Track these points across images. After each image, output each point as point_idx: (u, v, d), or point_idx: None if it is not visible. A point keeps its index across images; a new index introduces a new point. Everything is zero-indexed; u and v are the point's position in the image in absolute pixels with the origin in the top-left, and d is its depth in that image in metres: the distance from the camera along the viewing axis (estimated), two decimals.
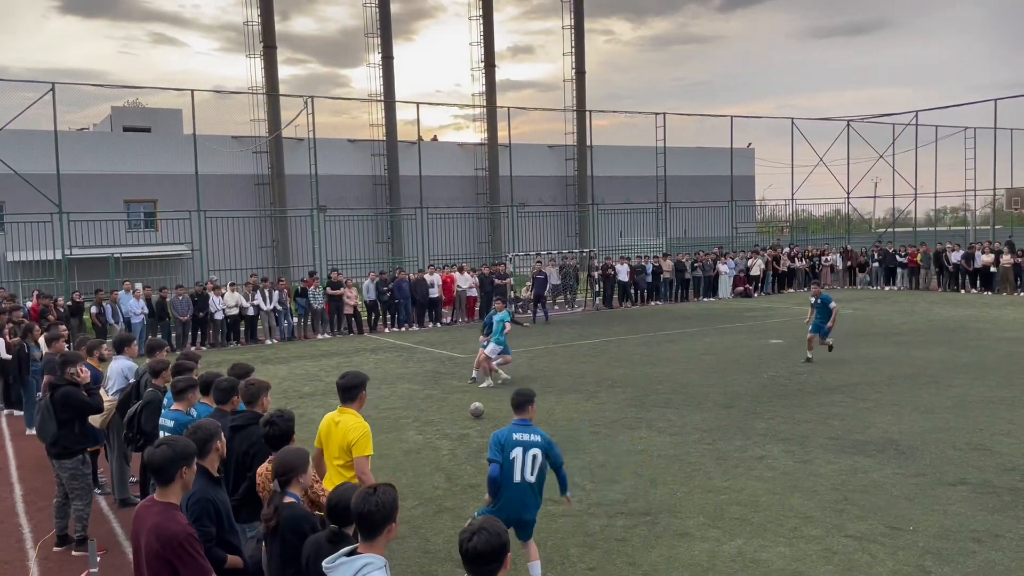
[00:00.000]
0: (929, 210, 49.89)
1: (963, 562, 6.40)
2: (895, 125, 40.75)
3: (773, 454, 9.61)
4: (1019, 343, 17.56)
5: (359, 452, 5.44)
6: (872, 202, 46.89)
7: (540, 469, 6.04)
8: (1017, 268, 29.92)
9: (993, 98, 37.53)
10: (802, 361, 15.78)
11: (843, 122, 41.20)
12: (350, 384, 5.73)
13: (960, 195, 44.40)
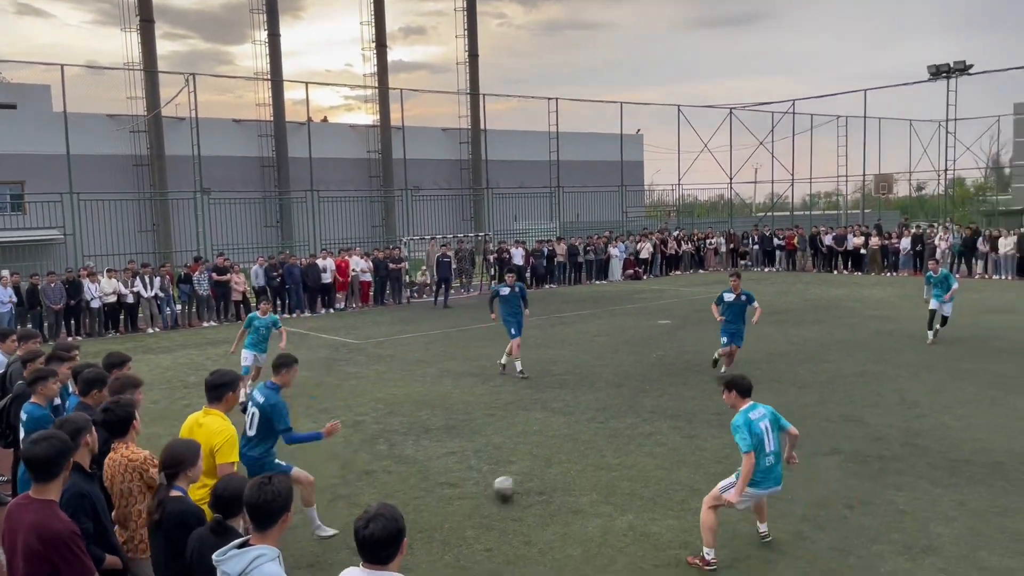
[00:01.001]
0: (805, 195, 52.49)
1: (837, 528, 6.81)
2: (774, 113, 42.58)
3: (662, 430, 9.93)
4: (887, 320, 18.75)
5: (222, 459, 5.05)
6: (753, 187, 48.91)
7: (258, 426, 6.42)
8: (884, 250, 31.90)
9: (863, 88, 39.74)
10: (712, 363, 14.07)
11: (726, 110, 42.72)
12: (217, 383, 5.41)
13: (833, 180, 46.91)
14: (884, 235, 32.81)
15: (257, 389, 6.60)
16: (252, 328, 12.31)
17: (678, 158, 40.98)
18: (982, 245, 29.17)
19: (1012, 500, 7.24)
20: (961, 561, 6.06)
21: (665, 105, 41.83)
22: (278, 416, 6.37)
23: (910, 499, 7.37)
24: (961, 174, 55.45)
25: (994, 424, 9.78)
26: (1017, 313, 19.05)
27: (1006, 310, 19.70)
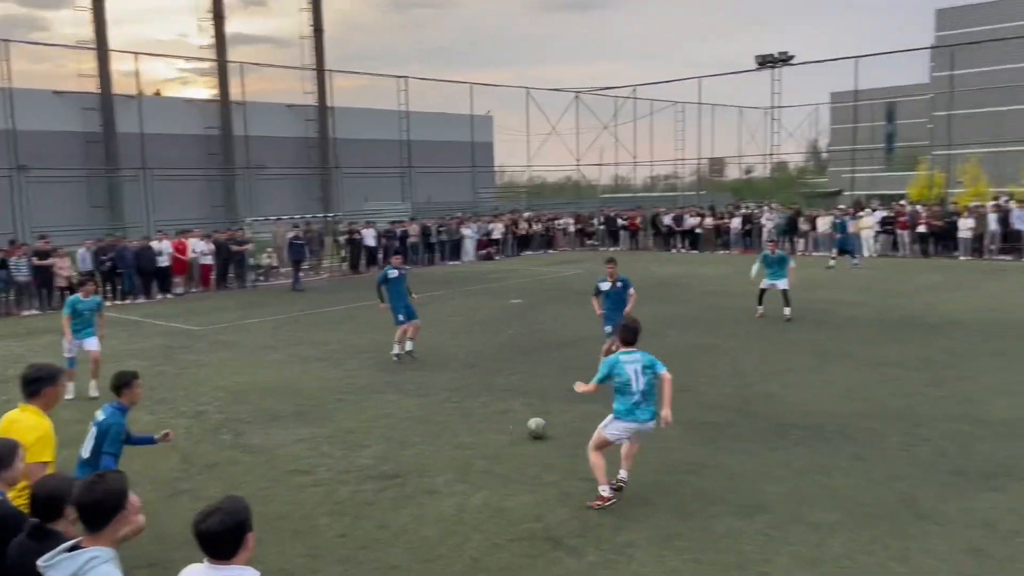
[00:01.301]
0: (647, 177, 54.76)
1: (680, 491, 7.19)
2: (617, 98, 44.06)
3: (515, 408, 10.11)
4: (721, 296, 19.91)
5: (33, 457, 4.57)
6: (599, 169, 50.47)
7: (92, 448, 5.95)
8: (718, 229, 33.82)
9: (698, 76, 41.85)
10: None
11: (573, 94, 43.77)
12: (33, 377, 5.03)
13: (672, 163, 49.18)
14: (717, 215, 34.77)
15: (103, 408, 6.09)
16: (75, 313, 11.35)
17: (527, 140, 41.65)
18: (803, 224, 31.51)
19: (831, 459, 7.90)
20: (787, 517, 6.55)
21: (514, 87, 42.48)
22: (109, 440, 5.91)
23: (743, 462, 7.89)
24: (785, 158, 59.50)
25: (815, 390, 10.63)
26: (834, 288, 20.73)
27: (824, 285, 21.40)
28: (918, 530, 6.24)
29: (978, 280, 21.56)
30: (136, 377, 6.23)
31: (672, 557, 5.93)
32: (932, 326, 14.99)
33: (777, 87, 37.54)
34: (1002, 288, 19.83)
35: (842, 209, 32.47)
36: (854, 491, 7.06)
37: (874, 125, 68.51)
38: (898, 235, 29.42)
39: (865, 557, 5.82)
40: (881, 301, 18.35)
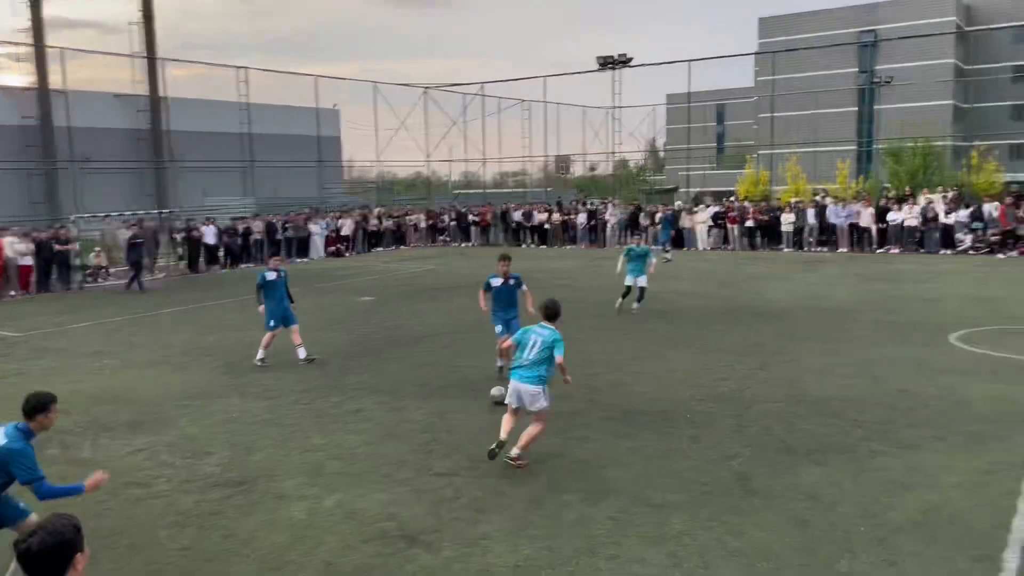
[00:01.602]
0: (496, 173, 55.42)
1: (530, 481, 7.34)
2: (465, 95, 44.28)
3: (367, 406, 9.98)
4: (569, 289, 20.46)
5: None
6: (449, 165, 50.55)
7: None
8: (565, 224, 34.74)
9: (543, 75, 42.81)
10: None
11: (421, 89, 43.59)
12: None
13: (520, 160, 50.03)
14: (564, 211, 35.74)
15: (5, 428, 5.35)
16: None
17: (376, 135, 41.09)
18: (643, 220, 32.94)
19: (673, 443, 8.32)
20: (634, 500, 6.84)
21: (361, 81, 41.75)
22: (19, 465, 5.22)
23: (592, 450, 8.16)
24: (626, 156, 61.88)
25: (658, 377, 11.15)
26: (671, 279, 21.80)
27: (663, 277, 22.47)
28: (750, 505, 6.69)
29: (799, 271, 23.33)
30: (54, 400, 5.48)
31: (526, 546, 6.05)
32: (760, 314, 16.08)
33: (617, 88, 39.02)
34: (820, 278, 21.55)
35: (665, 205, 34.15)
36: (693, 472, 7.47)
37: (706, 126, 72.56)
38: (729, 229, 31.33)
39: (704, 533, 6.17)
40: (715, 291, 19.48)
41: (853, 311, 16.04)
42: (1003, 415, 8.91)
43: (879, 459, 7.65)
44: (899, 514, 6.41)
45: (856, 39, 70.16)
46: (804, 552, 5.81)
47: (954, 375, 10.73)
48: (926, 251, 27.21)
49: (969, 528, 6.11)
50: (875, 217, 28.37)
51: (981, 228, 26.70)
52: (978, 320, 14.62)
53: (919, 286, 19.33)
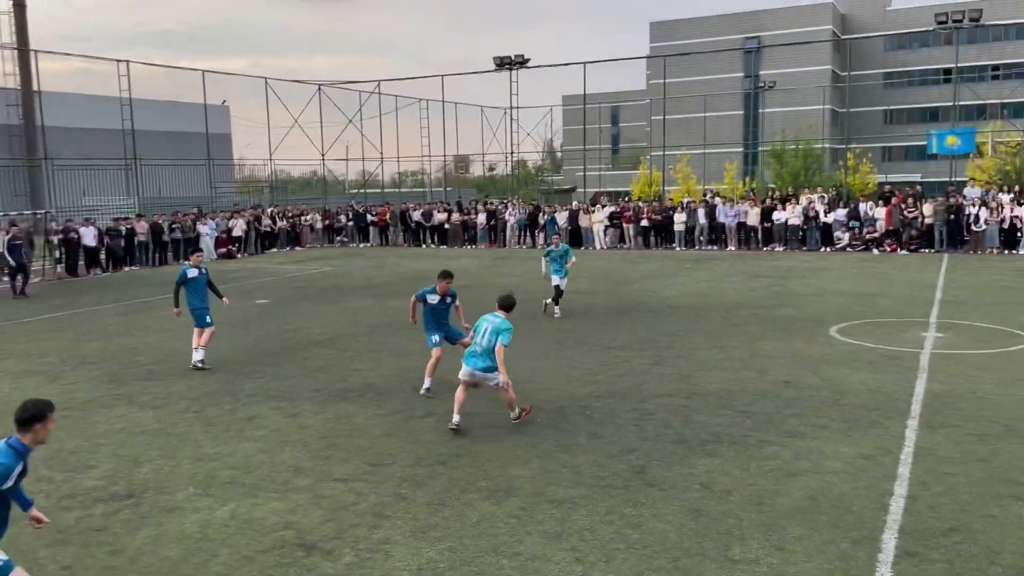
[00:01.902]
0: (394, 173, 54.89)
1: (433, 483, 7.30)
2: (361, 92, 43.64)
3: (263, 413, 9.70)
4: (471, 289, 20.44)
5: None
6: (345, 164, 49.72)
7: None
8: (465, 224, 34.74)
9: (441, 74, 42.68)
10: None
11: (315, 85, 42.67)
12: None
13: (418, 160, 49.70)
14: (464, 211, 35.74)
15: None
16: None
17: (268, 132, 39.98)
18: (542, 219, 33.31)
19: (572, 439, 8.44)
20: (535, 497, 6.90)
21: (252, 77, 40.50)
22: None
23: (494, 448, 8.19)
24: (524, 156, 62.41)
25: (556, 373, 11.29)
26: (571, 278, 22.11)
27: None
28: (648, 497, 6.86)
29: (691, 268, 24.10)
30: (52, 409, 4.77)
31: (428, 548, 6.01)
32: (654, 311, 16.52)
33: (515, 88, 39.28)
34: (710, 275, 22.34)
35: (551, 207, 34.63)
36: (593, 467, 7.60)
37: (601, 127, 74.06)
38: (624, 229, 32.07)
39: (604, 527, 6.29)
40: (612, 290, 19.89)
41: (741, 307, 16.70)
42: (879, 403, 9.45)
43: (767, 448, 7.99)
44: (786, 500, 6.70)
45: (741, 45, 73.11)
46: (699, 540, 6.00)
47: (834, 366, 11.32)
48: (808, 249, 28.63)
49: (850, 512, 6.45)
50: (761, 216, 29.64)
51: (857, 226, 28.29)
52: (855, 314, 15.47)
53: (801, 282, 20.30)
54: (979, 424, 8.55)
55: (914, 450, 7.82)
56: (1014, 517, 6.23)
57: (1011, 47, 72.90)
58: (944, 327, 14.02)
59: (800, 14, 75.01)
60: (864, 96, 77.85)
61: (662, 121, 44.13)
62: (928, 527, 6.12)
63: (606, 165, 79.25)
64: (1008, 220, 26.16)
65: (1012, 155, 48.97)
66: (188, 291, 12.21)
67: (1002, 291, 17.99)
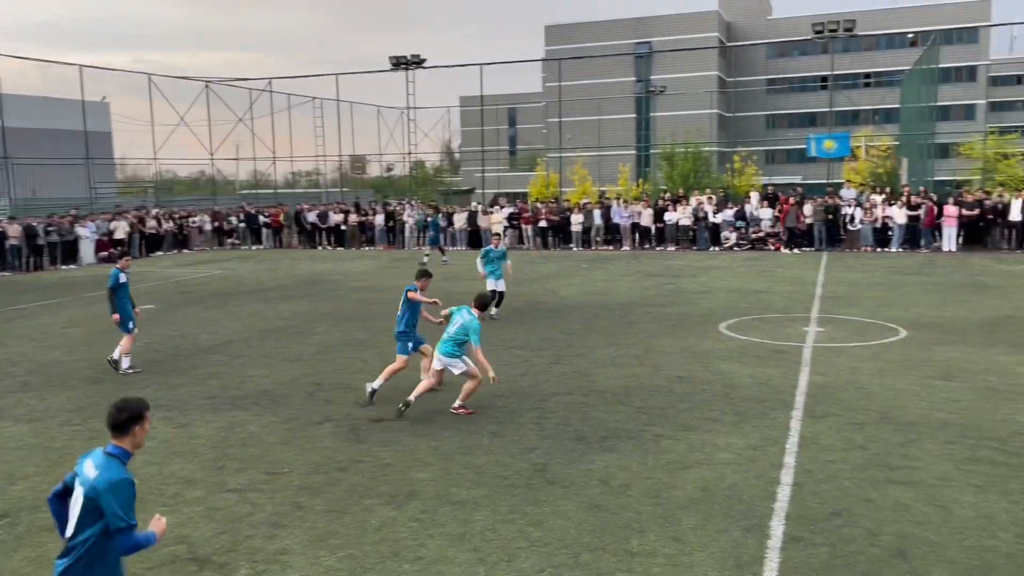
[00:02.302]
0: (288, 173, 53.55)
1: (331, 490, 7.16)
2: (252, 90, 42.39)
3: (151, 423, 9.26)
4: (368, 291, 20.21)
5: None
6: (235, 164, 48.18)
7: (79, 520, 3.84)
8: (362, 225, 34.26)
9: (335, 73, 41.94)
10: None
11: (202, 83, 41.16)
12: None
13: (313, 160, 48.69)
14: (362, 212, 35.23)
15: (92, 457, 4.01)
16: None
17: (152, 131, 38.28)
18: (442, 221, 33.21)
19: (474, 440, 8.45)
20: (437, 500, 6.87)
21: (134, 73, 38.73)
22: (117, 504, 3.79)
23: (394, 452, 8.10)
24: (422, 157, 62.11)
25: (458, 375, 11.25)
26: (470, 280, 22.16)
27: (464, 277, 22.81)
28: (549, 494, 6.93)
29: (588, 268, 24.54)
30: (148, 408, 4.25)
31: (328, 556, 5.89)
32: (552, 310, 16.74)
33: (412, 88, 39.03)
34: (607, 275, 22.80)
35: (434, 207, 34.41)
36: (494, 466, 7.63)
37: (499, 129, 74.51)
38: (523, 229, 32.35)
39: (506, 526, 6.32)
40: (511, 290, 20.01)
41: (636, 305, 17.12)
42: (766, 395, 9.87)
43: (663, 442, 8.22)
44: (681, 492, 6.91)
45: (633, 50, 74.98)
46: (599, 535, 6.11)
47: (724, 361, 11.76)
48: (698, 248, 29.63)
49: (741, 501, 6.71)
50: (653, 217, 30.47)
51: (744, 226, 29.47)
52: (743, 310, 16.12)
53: (692, 280, 20.99)
54: (857, 413, 9.05)
55: (799, 439, 8.21)
56: (890, 500, 6.62)
57: (881, 56, 77.63)
58: (824, 322, 14.78)
59: (688, 21, 77.60)
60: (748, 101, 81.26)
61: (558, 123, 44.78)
62: (812, 513, 6.43)
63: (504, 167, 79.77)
64: (880, 220, 27.83)
65: (883, 158, 52.16)
66: (119, 296, 11.83)
67: (876, 287, 19.11)
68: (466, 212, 33.48)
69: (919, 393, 9.81)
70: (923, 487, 6.90)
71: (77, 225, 28.73)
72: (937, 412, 8.97)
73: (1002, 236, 27.04)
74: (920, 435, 8.23)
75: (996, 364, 11.21)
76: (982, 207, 26.89)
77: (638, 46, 77.11)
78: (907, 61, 60.83)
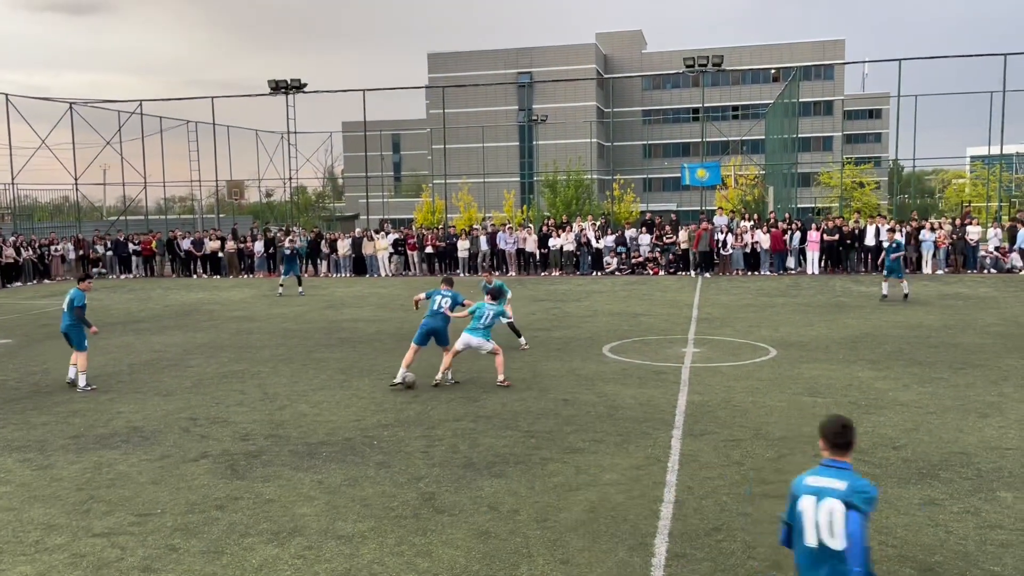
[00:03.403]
0: (160, 198, 51.27)
1: (208, 530, 6.83)
2: (121, 112, 40.45)
3: (7, 465, 8.60)
4: (246, 320, 19.53)
5: None
6: (103, 189, 45.74)
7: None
8: (240, 253, 33.17)
9: (211, 96, 40.65)
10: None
11: (66, 104, 39.01)
12: None
13: (187, 185, 46.82)
14: (240, 239, 34.11)
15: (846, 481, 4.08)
16: None
17: (10, 154, 35.86)
18: (325, 247, 32.60)
19: (360, 471, 8.27)
20: (322, 535, 6.67)
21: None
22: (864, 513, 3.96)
23: (276, 488, 7.82)
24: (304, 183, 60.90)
25: (343, 405, 11.03)
26: (356, 307, 21.81)
27: (348, 304, 22.40)
28: (437, 523, 6.85)
29: (474, 293, 24.58)
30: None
31: None
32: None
33: (292, 113, 38.26)
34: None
35: (292, 234, 33.67)
36: (382, 497, 7.48)
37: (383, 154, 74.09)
38: (409, 255, 32.16)
39: (394, 559, 6.20)
40: (396, 316, 19.82)
41: (522, 329, 17.26)
42: (648, 416, 10.14)
43: (550, 465, 8.29)
44: (569, 515, 6.98)
45: (515, 79, 76.38)
46: (488, 563, 6.08)
47: (608, 383, 12.02)
48: (581, 273, 30.27)
49: (626, 520, 6.84)
50: (538, 243, 30.95)
51: (624, 252, 30.35)
52: (624, 333, 16.55)
53: (576, 304, 21.40)
54: (733, 430, 9.43)
55: (679, 458, 8.46)
56: (766, 514, 6.91)
57: (747, 90, 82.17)
58: (701, 342, 15.36)
59: (567, 53, 79.80)
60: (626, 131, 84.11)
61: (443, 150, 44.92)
62: (694, 529, 6.63)
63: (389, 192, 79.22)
64: (750, 244, 29.27)
65: (751, 186, 55.04)
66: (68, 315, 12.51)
67: (748, 308, 20.05)
68: (350, 238, 32.99)
69: (788, 409, 10.33)
70: None
71: None
72: (805, 427, 9.45)
73: (859, 259, 28.96)
74: (791, 449, 8.65)
75: (857, 380, 11.94)
76: (841, 232, 28.75)
77: (520, 75, 78.61)
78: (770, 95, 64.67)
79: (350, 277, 31.45)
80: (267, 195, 64.40)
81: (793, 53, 78.33)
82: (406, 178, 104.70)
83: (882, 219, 30.46)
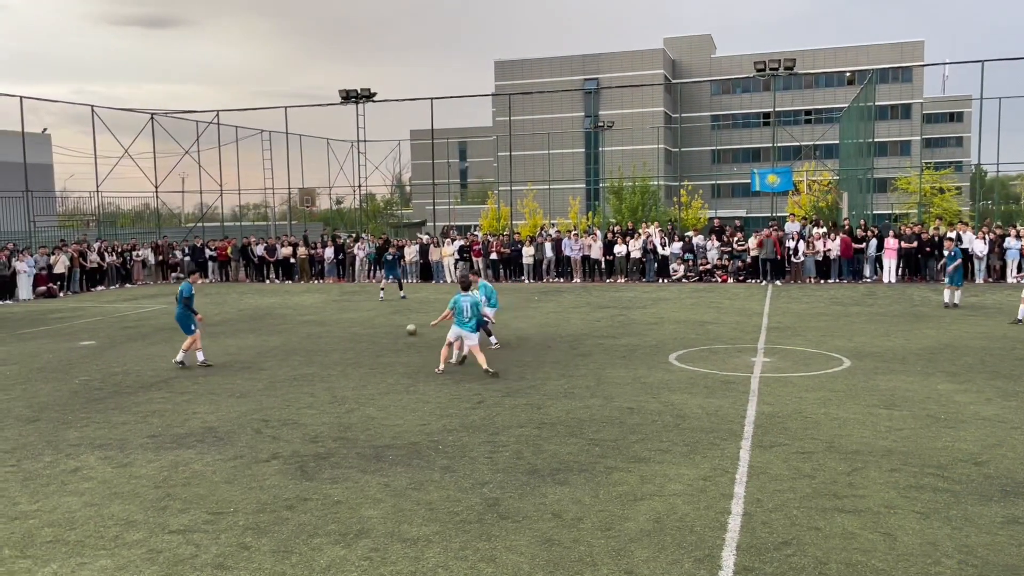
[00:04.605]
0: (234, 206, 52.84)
1: (278, 530, 6.99)
2: (199, 122, 41.87)
3: (89, 463, 8.97)
4: (316, 324, 19.95)
5: None
6: (181, 196, 47.43)
7: None
8: (311, 259, 33.92)
9: (284, 105, 41.77)
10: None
11: (147, 115, 40.57)
12: None
13: (261, 192, 48.15)
14: (311, 245, 34.90)
15: None
16: None
17: (95, 163, 37.49)
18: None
19: (425, 475, 8.35)
20: (388, 538, 6.75)
21: (76, 104, 37.95)
22: None
23: (344, 489, 7.95)
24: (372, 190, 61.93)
25: (409, 409, 11.16)
26: (422, 313, 22.06)
27: (414, 310, 22.66)
28: (501, 529, 6.87)
29: (540, 300, 24.62)
30: None
31: None
32: (505, 342, 16.71)
33: (362, 122, 39.01)
34: (558, 307, 22.91)
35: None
36: (446, 502, 7.54)
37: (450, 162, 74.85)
38: (474, 262, 32.37)
39: (458, 563, 6.23)
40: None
41: (587, 337, 17.21)
42: (716, 426, 9.97)
43: (615, 474, 8.22)
44: (634, 524, 6.91)
45: (581, 86, 76.27)
46: (552, 570, 6.06)
47: (674, 392, 11.86)
48: (647, 280, 29.99)
49: (692, 532, 6.73)
50: (603, 250, 30.80)
51: (691, 259, 29.95)
52: (691, 341, 16.32)
53: (642, 312, 21.20)
54: (804, 442, 9.19)
55: (748, 469, 8.29)
56: (838, 528, 6.71)
57: (820, 94, 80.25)
58: (771, 352, 15.04)
59: (635, 58, 79.33)
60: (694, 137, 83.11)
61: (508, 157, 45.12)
62: (762, 542, 6.49)
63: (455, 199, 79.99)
64: (822, 252, 28.54)
65: (824, 192, 53.66)
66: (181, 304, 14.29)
67: (819, 317, 19.54)
68: (416, 244, 33.41)
69: (863, 422, 10.02)
70: (869, 515, 7.01)
71: (15, 259, 27.89)
72: (881, 440, 9.16)
73: (940, 268, 27.94)
74: (865, 463, 8.39)
75: (936, 393, 11.52)
76: (919, 239, 27.79)
77: (586, 82, 78.48)
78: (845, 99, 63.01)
79: (417, 283, 31.83)
80: (337, 202, 65.70)
81: (869, 55, 76.22)
82: (472, 185, 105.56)
83: (964, 226, 29.33)
